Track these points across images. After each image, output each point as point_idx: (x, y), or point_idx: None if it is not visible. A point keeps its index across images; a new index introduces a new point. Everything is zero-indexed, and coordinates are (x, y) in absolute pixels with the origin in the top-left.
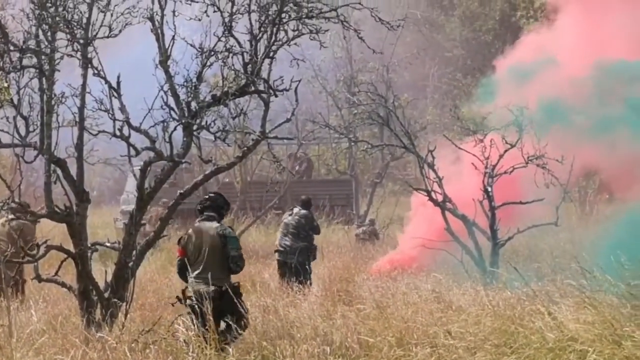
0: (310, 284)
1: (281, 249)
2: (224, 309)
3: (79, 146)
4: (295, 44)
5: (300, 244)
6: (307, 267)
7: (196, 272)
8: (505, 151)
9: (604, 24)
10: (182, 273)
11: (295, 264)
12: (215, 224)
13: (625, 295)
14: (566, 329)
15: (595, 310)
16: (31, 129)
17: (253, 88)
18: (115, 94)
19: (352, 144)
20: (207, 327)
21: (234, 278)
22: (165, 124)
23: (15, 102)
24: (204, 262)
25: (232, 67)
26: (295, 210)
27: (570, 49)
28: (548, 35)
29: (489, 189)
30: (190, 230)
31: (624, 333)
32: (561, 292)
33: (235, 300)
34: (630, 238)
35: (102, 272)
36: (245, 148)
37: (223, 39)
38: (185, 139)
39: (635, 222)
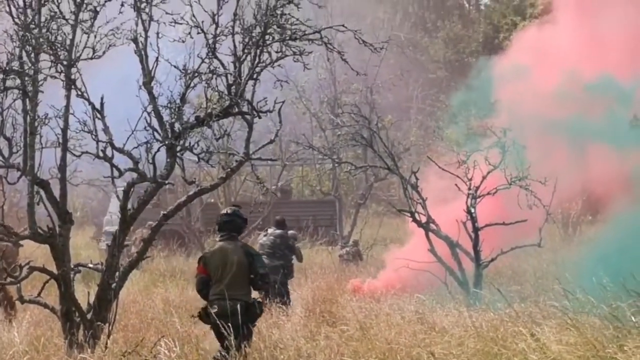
0: (290, 302)
1: None
2: (247, 322)
3: (62, 167)
4: (279, 65)
5: (277, 262)
6: (284, 284)
7: (220, 289)
8: (488, 172)
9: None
10: (204, 289)
11: (275, 283)
12: (239, 243)
13: (607, 317)
14: (549, 350)
15: (578, 332)
16: (14, 150)
17: (237, 109)
18: (98, 115)
19: (336, 165)
20: (233, 341)
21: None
22: (149, 145)
23: None
24: (229, 280)
25: (216, 89)
26: (270, 230)
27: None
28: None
29: (472, 210)
30: (212, 249)
31: (607, 355)
32: (544, 313)
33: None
34: (612, 259)
35: (85, 293)
36: (229, 169)
37: (207, 60)
38: (168, 160)
39: (617, 243)
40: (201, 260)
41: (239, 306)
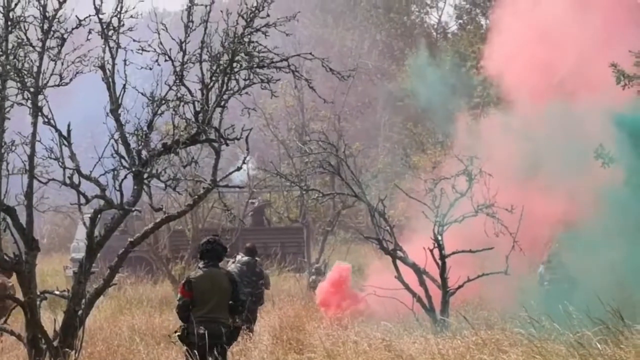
0: (252, 328)
1: None
2: (228, 345)
3: (29, 194)
4: (246, 93)
5: (244, 289)
6: (253, 312)
7: (204, 312)
8: (455, 200)
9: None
10: (185, 312)
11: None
12: (223, 270)
13: (573, 344)
14: None
15: (544, 359)
16: None
17: (204, 137)
18: (65, 142)
19: (304, 192)
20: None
21: None
22: (116, 172)
23: None
24: (214, 304)
25: (183, 116)
26: (238, 257)
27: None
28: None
29: (439, 238)
30: (199, 274)
31: None
32: (510, 340)
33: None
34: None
35: (51, 320)
36: (196, 196)
37: (174, 87)
38: (135, 187)
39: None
40: (187, 284)
41: (224, 329)
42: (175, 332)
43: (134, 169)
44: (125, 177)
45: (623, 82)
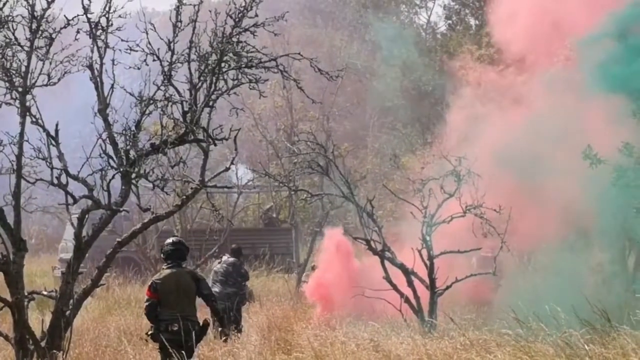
0: (241, 328)
1: None
2: (198, 341)
3: (17, 194)
4: (234, 93)
5: (229, 289)
6: (239, 311)
7: (173, 311)
8: (444, 201)
9: None
10: (152, 312)
11: (227, 309)
12: (186, 269)
13: (560, 345)
14: None
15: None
16: None
17: (192, 137)
18: (53, 142)
19: (292, 192)
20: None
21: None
22: (104, 172)
23: None
24: (181, 303)
25: (171, 116)
26: (224, 258)
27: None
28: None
29: (428, 238)
30: (162, 276)
31: None
32: (497, 341)
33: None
34: (566, 287)
35: (39, 320)
36: (184, 197)
37: (162, 87)
38: (123, 187)
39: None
40: (152, 286)
41: (191, 326)
42: (147, 332)
43: (122, 169)
44: (113, 177)
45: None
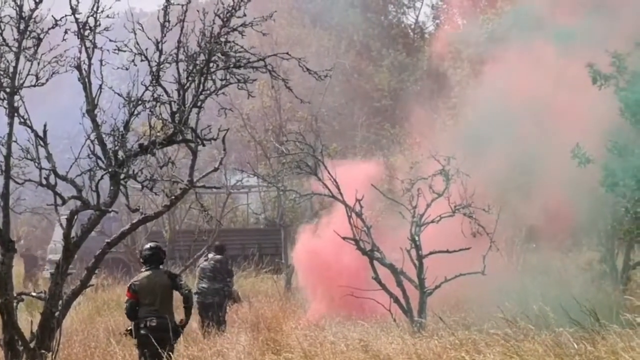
0: (225, 322)
1: (199, 291)
2: (175, 338)
3: (5, 195)
4: (223, 93)
5: (217, 285)
6: (224, 306)
7: (152, 309)
8: (432, 200)
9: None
10: (132, 312)
11: (215, 305)
12: (162, 270)
13: (549, 344)
14: None
15: (520, 359)
16: None
17: (180, 137)
18: (41, 142)
19: (281, 193)
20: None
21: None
22: (92, 172)
23: None
24: (159, 302)
25: (160, 116)
26: (210, 255)
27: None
28: None
29: (417, 238)
30: (140, 278)
31: None
32: (487, 341)
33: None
34: (555, 287)
35: (28, 322)
36: (173, 197)
37: (150, 88)
38: (112, 187)
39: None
40: (130, 288)
41: (168, 324)
42: (128, 328)
43: (110, 170)
44: (102, 177)
45: (599, 82)
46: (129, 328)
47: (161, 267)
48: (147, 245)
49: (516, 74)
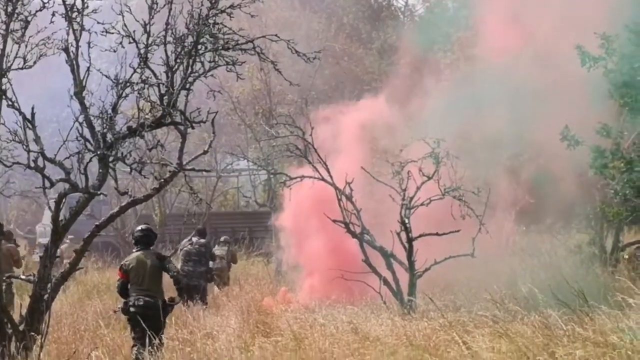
0: (207, 303)
1: (184, 273)
2: (164, 316)
3: None
4: (212, 75)
5: (202, 268)
6: (206, 288)
7: (142, 288)
8: (422, 183)
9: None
10: (123, 290)
11: (200, 287)
12: (152, 251)
13: (538, 325)
14: (480, 358)
15: (509, 340)
16: None
17: (169, 119)
18: (29, 125)
19: (271, 176)
20: (149, 331)
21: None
22: (81, 155)
23: None
24: (147, 282)
25: (148, 99)
26: (195, 239)
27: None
28: None
29: (406, 221)
30: (131, 258)
31: None
32: (476, 322)
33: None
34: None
35: (17, 304)
36: (162, 180)
37: (139, 70)
38: (100, 170)
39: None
40: (122, 268)
41: (157, 302)
42: (118, 306)
43: (98, 152)
44: (90, 160)
45: (588, 63)
46: (119, 306)
47: (151, 248)
48: (139, 227)
49: (505, 54)
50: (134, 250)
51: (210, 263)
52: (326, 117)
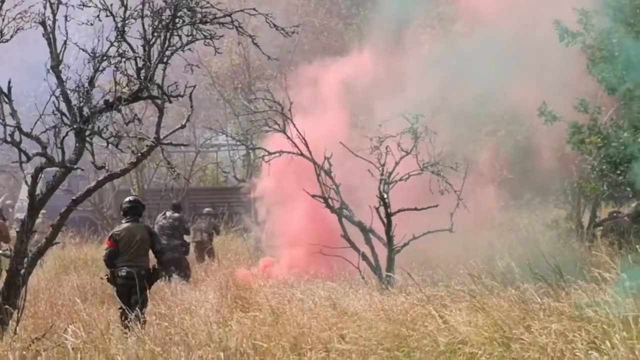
0: (189, 275)
1: None
2: (148, 286)
3: None
4: (190, 49)
5: (177, 242)
6: (183, 261)
7: (128, 258)
8: (401, 158)
9: None
10: (110, 259)
11: (175, 260)
12: (142, 224)
13: (514, 299)
14: (457, 332)
15: (486, 314)
16: None
17: (146, 93)
18: (5, 99)
19: (250, 151)
20: (133, 300)
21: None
22: (57, 129)
23: None
24: (134, 252)
25: (125, 72)
26: (169, 213)
27: None
28: None
29: (385, 196)
30: (122, 228)
31: (513, 336)
32: (453, 297)
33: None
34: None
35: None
36: (139, 154)
37: (116, 43)
38: (77, 144)
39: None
40: (112, 237)
41: (143, 272)
42: (105, 275)
43: (75, 126)
44: (67, 134)
45: (566, 39)
46: (106, 275)
47: (140, 220)
48: (127, 199)
49: (484, 29)
50: (123, 221)
51: (186, 237)
52: (309, 78)
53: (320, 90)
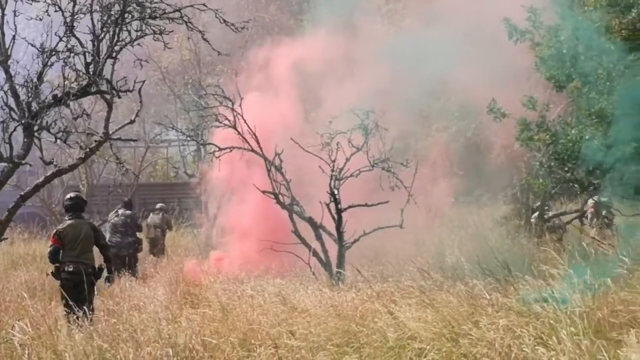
0: (137, 272)
1: (112, 244)
2: (92, 282)
3: None
4: (139, 44)
5: (130, 239)
6: (135, 258)
7: (73, 255)
8: (352, 154)
9: None
10: (55, 256)
11: (129, 257)
12: (86, 221)
13: (463, 295)
14: (406, 328)
15: (435, 310)
16: None
17: (95, 88)
18: None
19: (201, 146)
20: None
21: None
22: (5, 124)
23: None
24: (80, 248)
25: (74, 67)
26: (121, 211)
27: None
28: None
29: (336, 192)
30: (65, 225)
31: (461, 331)
32: (403, 292)
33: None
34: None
35: None
36: (88, 149)
37: (64, 38)
38: (25, 139)
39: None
40: (56, 234)
41: (90, 269)
42: (50, 271)
43: (23, 121)
44: (15, 129)
45: (515, 37)
46: (51, 271)
47: (84, 216)
48: (68, 196)
49: (432, 25)
50: (66, 218)
51: (138, 234)
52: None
53: (271, 73)
